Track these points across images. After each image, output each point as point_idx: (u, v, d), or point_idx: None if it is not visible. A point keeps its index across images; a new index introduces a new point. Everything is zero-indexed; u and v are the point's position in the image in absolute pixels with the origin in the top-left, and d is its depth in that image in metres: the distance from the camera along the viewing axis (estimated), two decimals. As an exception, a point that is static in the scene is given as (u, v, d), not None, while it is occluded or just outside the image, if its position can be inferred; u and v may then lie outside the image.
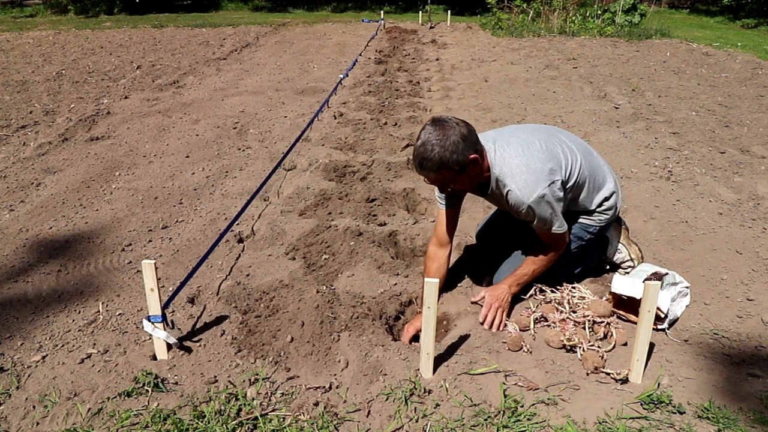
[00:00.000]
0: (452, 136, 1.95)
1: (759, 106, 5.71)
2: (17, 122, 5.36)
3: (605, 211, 2.37)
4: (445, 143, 1.94)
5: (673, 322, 2.25)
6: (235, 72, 7.91)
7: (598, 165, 2.34)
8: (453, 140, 1.95)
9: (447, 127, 1.97)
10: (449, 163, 1.96)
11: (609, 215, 2.38)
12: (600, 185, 2.33)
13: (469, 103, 5.91)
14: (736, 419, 1.77)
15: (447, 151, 1.94)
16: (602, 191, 2.33)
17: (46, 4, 18.42)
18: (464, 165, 1.99)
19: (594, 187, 2.30)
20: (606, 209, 2.36)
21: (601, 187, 2.33)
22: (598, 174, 2.32)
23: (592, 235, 2.41)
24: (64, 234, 3.13)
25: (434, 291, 1.81)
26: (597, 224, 2.39)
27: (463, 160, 1.97)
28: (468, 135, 1.99)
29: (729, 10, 15.80)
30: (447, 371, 2.00)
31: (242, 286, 2.57)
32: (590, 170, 2.27)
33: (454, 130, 1.96)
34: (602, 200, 2.34)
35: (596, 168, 2.31)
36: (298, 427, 1.76)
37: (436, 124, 1.98)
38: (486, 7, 13.30)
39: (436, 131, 1.96)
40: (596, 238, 2.45)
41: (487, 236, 2.77)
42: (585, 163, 2.24)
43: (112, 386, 1.94)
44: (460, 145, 1.96)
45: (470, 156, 1.99)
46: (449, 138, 1.95)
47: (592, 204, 2.33)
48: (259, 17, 16.63)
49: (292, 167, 4.16)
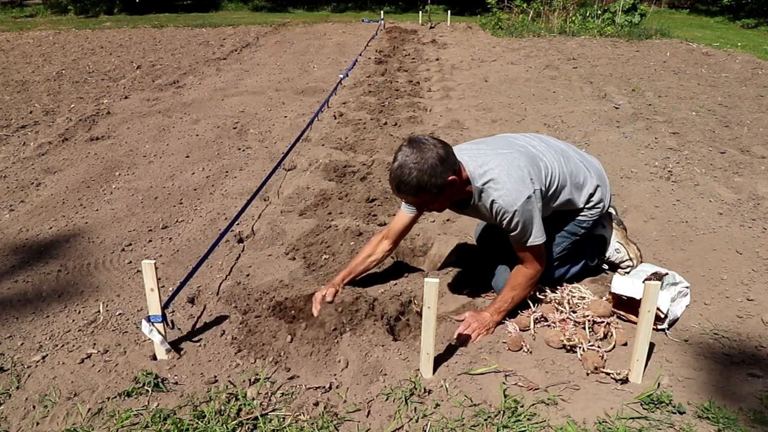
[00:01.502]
0: (430, 159, 1.93)
1: (759, 106, 5.71)
2: (17, 122, 5.37)
3: (595, 206, 2.38)
4: (422, 166, 1.92)
5: (673, 322, 2.25)
6: (235, 72, 7.91)
7: (576, 165, 2.34)
8: (431, 163, 1.93)
9: (424, 149, 1.94)
10: (427, 186, 1.95)
11: (600, 208, 2.39)
12: (582, 184, 2.33)
13: (469, 103, 5.91)
14: (736, 419, 1.77)
15: (425, 174, 1.93)
16: (586, 188, 2.34)
17: (46, 4, 18.43)
18: (442, 187, 1.98)
19: (576, 188, 2.31)
20: (595, 204, 2.37)
21: (584, 185, 2.34)
22: (579, 174, 2.32)
23: (585, 229, 2.42)
24: (65, 234, 3.13)
25: (434, 291, 1.81)
26: (589, 218, 2.39)
27: (441, 183, 1.96)
28: (446, 157, 1.97)
29: (729, 10, 15.80)
30: (447, 371, 2.00)
31: (242, 286, 2.57)
32: (569, 173, 2.27)
33: (431, 152, 1.94)
34: (588, 197, 2.35)
35: (574, 169, 2.31)
36: (298, 427, 1.76)
37: (412, 146, 1.96)
38: (486, 7, 13.30)
39: (413, 153, 1.94)
40: (588, 233, 2.45)
41: (486, 237, 2.77)
42: (563, 167, 2.25)
43: (112, 386, 1.94)
44: (438, 168, 1.94)
45: (448, 178, 1.98)
46: (427, 161, 1.92)
47: (580, 202, 2.34)
48: (259, 17, 16.63)
49: (292, 167, 4.16)
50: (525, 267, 2.21)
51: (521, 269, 2.22)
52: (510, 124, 5.14)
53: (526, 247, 2.15)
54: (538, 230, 2.12)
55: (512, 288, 2.23)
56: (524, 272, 2.21)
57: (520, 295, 2.24)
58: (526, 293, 2.26)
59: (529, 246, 2.14)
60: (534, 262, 2.19)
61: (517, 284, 2.22)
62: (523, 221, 2.07)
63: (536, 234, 2.12)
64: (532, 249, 2.16)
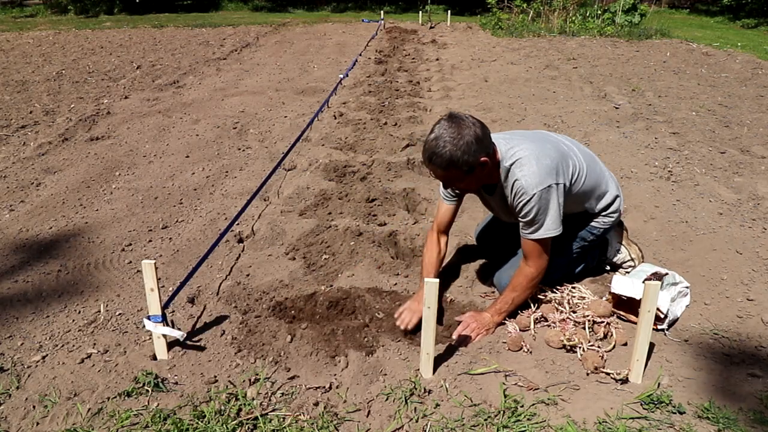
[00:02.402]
0: (466, 135, 1.93)
1: (759, 106, 5.71)
2: (17, 122, 5.36)
3: (610, 215, 2.39)
4: (458, 142, 1.92)
5: (673, 322, 2.25)
6: (235, 72, 7.91)
7: (602, 172, 2.36)
8: (467, 140, 1.92)
9: (462, 126, 1.94)
10: (459, 162, 1.94)
11: (613, 218, 2.40)
12: (604, 191, 2.34)
13: (469, 103, 5.91)
14: (736, 419, 1.77)
15: (459, 150, 1.92)
16: (606, 196, 2.35)
17: (46, 4, 18.42)
18: (473, 166, 1.98)
19: (599, 194, 2.32)
20: (611, 213, 2.39)
21: (605, 193, 2.35)
22: (602, 181, 2.33)
23: (595, 237, 2.42)
24: (65, 234, 3.13)
25: (434, 291, 1.81)
26: (602, 226, 2.40)
27: (473, 161, 1.96)
28: (482, 137, 1.97)
29: (729, 10, 15.79)
30: (447, 371, 2.00)
31: (242, 286, 2.57)
32: (595, 178, 2.28)
33: (469, 129, 1.94)
34: (607, 205, 2.36)
35: (600, 175, 2.32)
36: (298, 427, 1.76)
37: (452, 120, 1.96)
38: (486, 7, 13.30)
39: (451, 128, 1.94)
40: (598, 240, 2.46)
41: (486, 237, 2.77)
42: (590, 171, 2.25)
43: (112, 386, 1.94)
44: (473, 146, 1.93)
45: (481, 158, 1.97)
46: (463, 137, 1.92)
47: (597, 208, 2.35)
48: (259, 17, 16.63)
49: (292, 167, 4.16)
50: (527, 266, 2.18)
51: (523, 269, 2.20)
52: (510, 124, 5.14)
53: (534, 239, 2.11)
54: (552, 222, 2.07)
55: (513, 289, 2.22)
56: (526, 272, 2.19)
57: (521, 297, 2.23)
58: (527, 295, 2.25)
59: (537, 238, 2.10)
60: (537, 260, 2.15)
61: (518, 285, 2.21)
62: (539, 208, 2.04)
63: (548, 226, 2.07)
64: (539, 242, 2.11)
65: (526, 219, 2.09)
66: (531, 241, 2.12)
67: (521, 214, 2.10)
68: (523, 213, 2.08)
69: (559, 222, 2.10)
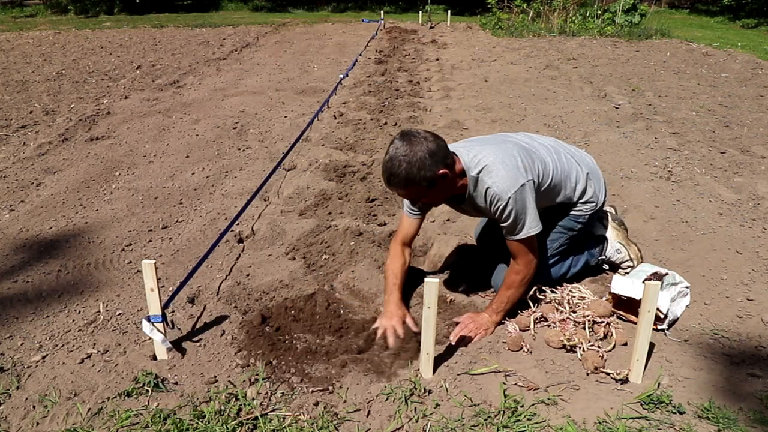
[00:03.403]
0: (419, 151, 1.94)
1: (759, 106, 5.71)
2: (17, 122, 5.36)
3: (589, 200, 2.39)
4: (412, 159, 1.93)
5: (673, 322, 2.25)
6: (235, 72, 7.91)
7: (568, 161, 2.36)
8: (420, 156, 1.94)
9: (414, 142, 1.95)
10: (417, 179, 1.96)
11: (594, 202, 2.40)
12: (576, 180, 2.35)
13: (469, 103, 5.91)
14: (736, 419, 1.77)
15: (414, 167, 1.94)
16: (579, 184, 2.35)
17: (46, 4, 18.42)
18: (433, 180, 1.99)
19: (569, 182, 2.33)
20: (589, 198, 2.38)
21: (578, 181, 2.35)
22: (571, 169, 2.34)
23: (582, 224, 2.43)
24: (65, 234, 3.13)
25: (435, 291, 1.81)
26: (584, 213, 2.40)
27: (431, 176, 1.97)
28: (436, 150, 1.98)
29: (729, 10, 15.79)
30: (447, 371, 2.00)
31: (242, 286, 2.57)
32: (561, 168, 2.29)
33: (421, 145, 1.95)
34: (582, 191, 2.36)
35: (566, 164, 2.33)
36: (298, 427, 1.76)
37: (404, 139, 1.97)
38: (486, 7, 13.30)
39: (404, 146, 1.95)
40: (586, 228, 2.46)
41: (486, 237, 2.77)
42: (555, 162, 2.27)
43: (112, 386, 1.94)
44: (428, 160, 1.95)
45: (439, 171, 1.98)
46: (416, 154, 1.94)
47: (574, 197, 2.36)
48: (259, 17, 16.63)
49: (292, 167, 4.16)
50: (517, 264, 2.20)
51: (513, 267, 2.22)
52: (510, 124, 5.14)
53: (519, 240, 2.13)
54: (531, 220, 2.10)
55: (507, 287, 2.23)
56: (516, 269, 2.20)
57: (516, 294, 2.24)
58: (521, 291, 2.25)
59: (521, 239, 2.13)
60: (525, 258, 2.17)
61: (511, 282, 2.22)
62: (517, 210, 2.06)
63: (530, 225, 2.10)
64: (524, 242, 2.14)
65: (507, 223, 2.11)
66: (516, 242, 2.15)
67: (501, 219, 2.12)
68: (503, 218, 2.10)
69: (538, 218, 2.13)
